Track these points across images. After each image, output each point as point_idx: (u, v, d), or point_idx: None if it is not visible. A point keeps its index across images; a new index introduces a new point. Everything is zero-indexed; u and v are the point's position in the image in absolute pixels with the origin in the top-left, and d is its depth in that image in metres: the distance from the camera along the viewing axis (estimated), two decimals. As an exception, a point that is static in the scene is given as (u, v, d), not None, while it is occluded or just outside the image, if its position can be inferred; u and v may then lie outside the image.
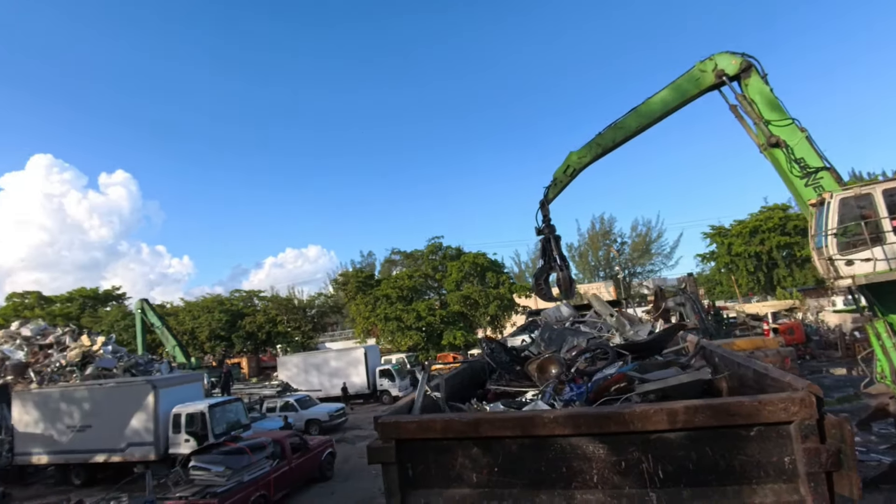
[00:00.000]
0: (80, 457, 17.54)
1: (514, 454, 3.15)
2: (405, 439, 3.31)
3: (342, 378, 29.12)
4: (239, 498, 11.31)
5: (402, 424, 3.36)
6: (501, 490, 3.15)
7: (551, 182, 13.41)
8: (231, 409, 17.69)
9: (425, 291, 45.01)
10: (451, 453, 3.26)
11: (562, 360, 4.61)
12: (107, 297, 57.68)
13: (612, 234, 67.22)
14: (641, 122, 12.67)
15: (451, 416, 3.47)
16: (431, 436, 3.26)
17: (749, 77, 11.19)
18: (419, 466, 3.32)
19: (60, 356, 29.24)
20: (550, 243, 12.40)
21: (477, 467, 3.22)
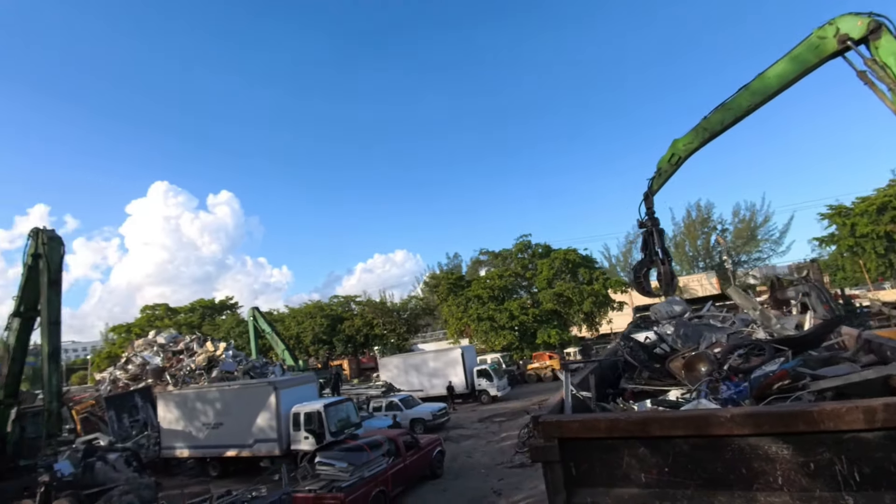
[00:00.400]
0: (215, 451, 19.30)
1: (685, 454, 3.06)
2: (568, 438, 3.32)
3: (441, 378, 29.69)
4: (361, 493, 11.90)
5: (565, 424, 3.38)
6: (674, 490, 3.07)
7: (655, 172, 12.79)
8: (343, 408, 18.65)
9: (516, 290, 44.73)
10: (617, 452, 3.23)
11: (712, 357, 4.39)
12: (222, 306, 63.22)
13: (711, 222, 62.82)
14: (754, 100, 11.71)
15: (616, 415, 3.45)
16: (596, 435, 3.25)
17: (879, 38, 9.89)
18: (583, 465, 3.32)
19: (190, 361, 32.50)
20: (653, 236, 11.82)
21: (645, 467, 3.16)
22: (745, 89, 11.83)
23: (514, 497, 12.80)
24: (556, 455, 3.34)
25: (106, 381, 34.23)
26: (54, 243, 16.17)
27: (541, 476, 12.59)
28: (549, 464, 3.40)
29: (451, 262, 69.37)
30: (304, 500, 11.45)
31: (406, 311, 52.80)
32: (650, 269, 11.53)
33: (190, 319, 58.68)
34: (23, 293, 16.75)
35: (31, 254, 16.34)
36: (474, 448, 18.89)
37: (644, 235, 12.30)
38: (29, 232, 16.79)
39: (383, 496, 12.61)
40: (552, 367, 34.89)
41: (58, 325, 15.88)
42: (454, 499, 13.37)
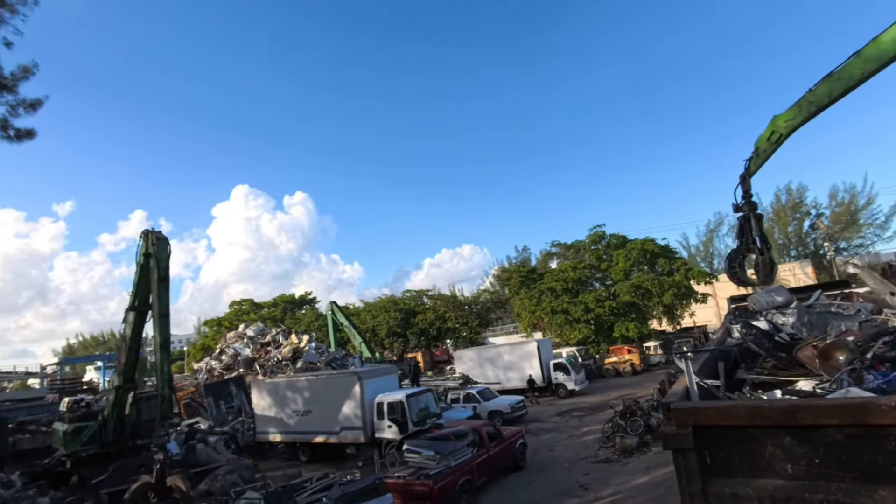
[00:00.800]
0: (304, 437, 20.34)
1: (839, 444, 2.85)
2: (703, 426, 3.20)
3: (516, 371, 29.57)
4: (449, 481, 12.11)
5: (701, 411, 3.26)
6: (827, 483, 2.87)
7: (752, 153, 11.94)
8: (424, 399, 19.01)
9: (591, 282, 43.57)
10: (759, 442, 3.06)
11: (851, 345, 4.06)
12: (301, 301, 66.39)
13: (804, 206, 57.91)
14: (868, 68, 10.53)
15: (758, 402, 3.28)
16: (735, 423, 3.10)
17: None
18: (719, 454, 3.18)
19: (276, 352, 34.46)
20: (750, 222, 10.98)
21: (792, 458, 2.98)
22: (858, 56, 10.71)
23: (602, 492, 12.53)
24: (691, 443, 3.22)
25: (203, 370, 37.06)
26: (162, 243, 17.62)
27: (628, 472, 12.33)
28: (681, 452, 3.28)
29: (520, 255, 68.77)
30: (394, 485, 11.79)
31: (477, 305, 52.94)
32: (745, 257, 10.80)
33: (273, 314, 62.04)
34: (136, 289, 18.43)
35: (142, 253, 17.92)
36: (555, 441, 18.68)
37: (740, 221, 11.51)
38: (140, 233, 18.42)
39: (469, 485, 12.77)
40: (631, 362, 33.73)
41: (167, 318, 17.30)
42: (539, 490, 13.29)
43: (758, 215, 11.19)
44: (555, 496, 12.74)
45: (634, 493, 11.90)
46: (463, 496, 12.51)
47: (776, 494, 3.00)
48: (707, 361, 5.49)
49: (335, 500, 9.81)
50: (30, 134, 13.71)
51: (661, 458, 14.14)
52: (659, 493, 11.56)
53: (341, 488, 10.40)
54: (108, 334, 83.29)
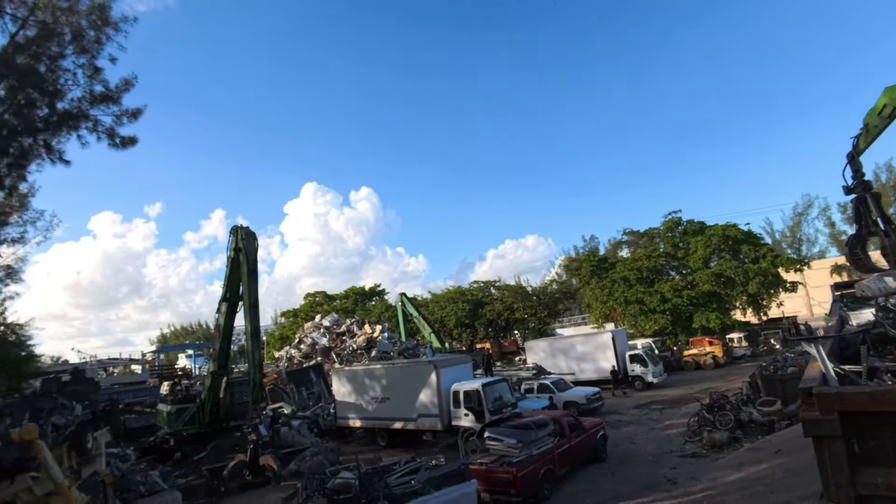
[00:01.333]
0: (383, 423, 21.00)
1: None
2: (850, 412, 3.01)
3: (590, 363, 28.99)
4: (531, 469, 12.12)
5: (848, 396, 3.06)
6: None
7: (861, 129, 10.90)
8: (498, 388, 19.07)
9: (667, 271, 41.72)
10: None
11: None
12: (371, 293, 68.28)
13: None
14: None
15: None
16: (889, 409, 2.89)
17: None
18: (869, 442, 2.99)
19: (352, 342, 35.75)
20: (867, 202, 9.99)
21: (955, 448, 2.75)
22: None
23: (692, 486, 12.05)
24: (837, 430, 3.04)
25: (283, 358, 39.13)
26: (250, 238, 18.72)
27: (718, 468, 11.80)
28: (826, 439, 3.10)
29: (588, 245, 67.12)
30: (478, 472, 11.95)
31: (545, 295, 52.22)
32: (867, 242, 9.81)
33: (345, 305, 64.24)
34: (228, 282, 19.73)
35: (232, 248, 19.13)
36: (636, 434, 18.17)
37: (854, 203, 10.59)
38: (230, 230, 19.68)
39: (550, 474, 12.73)
40: (713, 354, 32.07)
41: (256, 308, 18.38)
42: (624, 483, 13.00)
43: (875, 194, 10.17)
44: (641, 490, 12.41)
45: (728, 489, 11.34)
46: (545, 485, 12.48)
47: (940, 487, 2.78)
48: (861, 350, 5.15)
49: (424, 483, 10.09)
50: (133, 141, 14.95)
51: (755, 455, 13.40)
52: (755, 490, 10.95)
53: (428, 472, 10.69)
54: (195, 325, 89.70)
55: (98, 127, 14.24)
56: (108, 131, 14.39)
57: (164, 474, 18.48)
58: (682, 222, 42.01)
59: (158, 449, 21.96)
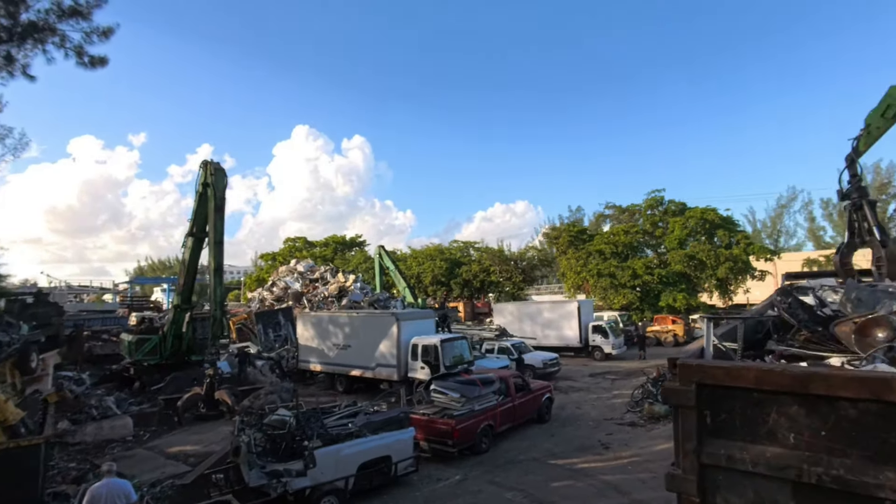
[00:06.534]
0: (342, 369, 21.40)
1: (852, 420, 2.68)
2: (708, 384, 3.09)
3: (554, 329, 29.56)
4: (471, 423, 12.51)
5: (707, 368, 3.14)
6: (829, 457, 2.73)
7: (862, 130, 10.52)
8: (458, 345, 19.45)
9: (642, 248, 42.20)
10: (764, 407, 2.93)
11: (893, 322, 3.76)
12: (352, 243, 68.16)
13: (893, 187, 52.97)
14: None
15: (770, 366, 3.13)
16: (741, 384, 2.97)
17: None
18: (721, 415, 3.08)
19: (324, 289, 35.85)
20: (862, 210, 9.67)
21: (796, 427, 2.84)
22: None
23: (622, 452, 12.59)
24: (692, 400, 3.13)
25: (255, 299, 39.21)
26: (220, 174, 18.33)
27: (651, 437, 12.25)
28: (682, 408, 3.20)
29: (573, 216, 67.18)
30: (419, 421, 12.30)
31: (523, 261, 52.66)
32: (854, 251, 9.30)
33: (324, 252, 64.12)
34: (195, 217, 19.43)
35: (201, 182, 18.75)
36: (583, 400, 18.76)
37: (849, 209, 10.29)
38: (200, 164, 19.24)
39: (490, 430, 13.16)
40: (674, 333, 32.90)
41: (221, 245, 18.21)
42: (560, 444, 13.51)
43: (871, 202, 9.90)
44: (574, 451, 12.93)
45: (654, 457, 11.86)
46: (483, 439, 12.93)
47: (773, 462, 2.89)
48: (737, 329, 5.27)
49: (360, 427, 10.35)
50: (103, 61, 14.27)
51: (690, 428, 13.99)
52: (680, 460, 11.48)
53: (367, 417, 10.95)
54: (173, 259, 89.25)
55: (66, 43, 13.57)
56: (76, 49, 13.72)
57: (119, 401, 18.74)
58: (664, 202, 42.21)
59: (119, 377, 22.19)
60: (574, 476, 11.31)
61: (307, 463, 8.99)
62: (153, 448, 14.77)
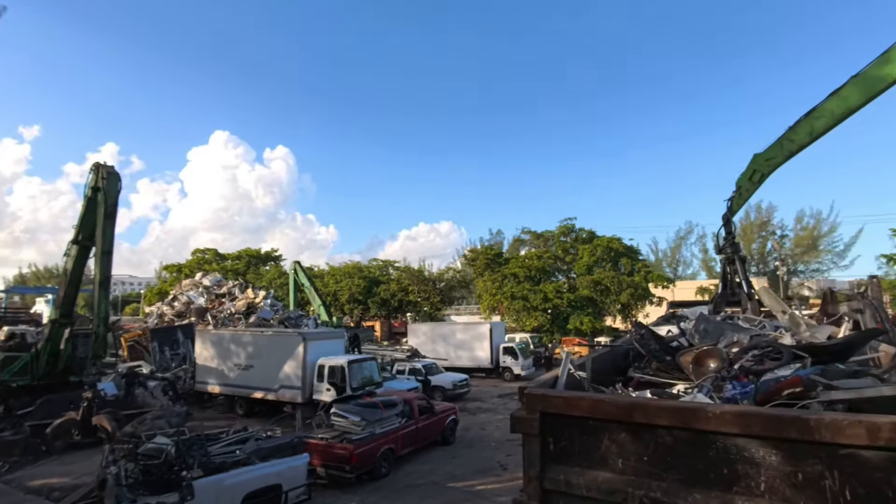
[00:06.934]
0: (243, 391, 20.30)
1: (668, 446, 2.93)
2: (550, 413, 3.25)
3: (467, 350, 29.93)
4: (371, 447, 12.26)
5: (549, 398, 3.30)
6: (650, 481, 2.96)
7: (734, 192, 11.62)
8: (367, 366, 19.16)
9: (554, 273, 44.13)
10: (598, 435, 3.13)
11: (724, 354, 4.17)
12: (267, 257, 65.48)
13: (771, 226, 59.56)
14: (849, 105, 10.52)
15: (601, 396, 3.35)
16: (578, 413, 3.16)
17: None
18: (562, 442, 3.25)
19: (231, 305, 34.01)
20: (735, 265, 10.62)
21: (624, 453, 3.06)
22: (837, 95, 10.62)
23: (519, 473, 12.78)
24: (536, 428, 3.28)
25: (154, 314, 36.39)
26: (113, 178, 17.02)
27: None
28: (528, 436, 3.35)
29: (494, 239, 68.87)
30: (316, 446, 11.90)
31: (442, 282, 53.14)
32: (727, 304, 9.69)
33: (236, 266, 61.05)
34: (81, 223, 17.81)
35: (91, 186, 17.28)
36: (489, 421, 19.04)
37: (723, 263, 11.12)
38: (91, 166, 17.74)
39: (391, 453, 12.96)
40: (580, 354, 34.44)
41: (110, 255, 16.85)
42: (461, 466, 13.58)
43: (741, 258, 10.82)
44: (474, 473, 13.03)
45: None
46: (384, 463, 12.71)
47: (603, 486, 3.08)
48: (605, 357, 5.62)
49: (249, 454, 9.82)
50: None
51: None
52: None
53: (258, 443, 10.42)
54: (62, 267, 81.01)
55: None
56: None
57: (-26, 427, 16.50)
58: (576, 229, 44.54)
59: (-24, 399, 19.57)
60: (471, 499, 11.38)
61: (184, 495, 8.34)
62: (11, 482, 13.16)
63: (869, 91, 10.46)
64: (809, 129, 10.98)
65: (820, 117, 10.88)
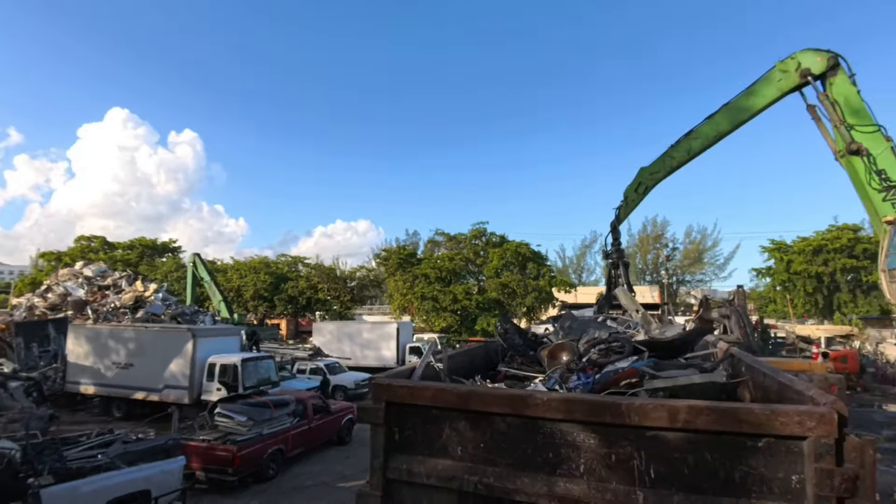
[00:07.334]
0: (122, 392, 18.68)
1: (502, 433, 3.04)
2: (396, 403, 3.26)
3: (373, 350, 29.64)
4: (257, 448, 11.75)
5: (394, 388, 3.31)
6: (484, 467, 3.06)
7: (622, 201, 12.48)
8: (263, 365, 18.38)
9: (464, 275, 44.94)
10: (439, 423, 3.19)
11: (574, 348, 4.44)
12: (164, 248, 60.77)
13: (664, 239, 64.90)
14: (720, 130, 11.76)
15: (442, 385, 3.41)
16: (421, 403, 3.20)
17: (835, 76, 10.15)
18: (406, 432, 3.28)
19: (116, 298, 31.10)
20: (619, 269, 11.41)
21: (463, 441, 3.14)
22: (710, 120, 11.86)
23: (413, 472, 12.90)
24: (381, 418, 3.28)
25: (22, 307, 32.39)
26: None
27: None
28: (374, 426, 3.34)
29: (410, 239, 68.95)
30: (196, 448, 11.23)
31: (354, 281, 52.29)
32: None
33: (127, 256, 56.10)
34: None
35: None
36: (389, 421, 18.96)
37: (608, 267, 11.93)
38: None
39: (280, 454, 12.52)
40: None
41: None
42: (353, 466, 13.39)
43: (625, 263, 11.64)
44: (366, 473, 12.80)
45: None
46: (272, 465, 12.24)
47: (442, 474, 3.14)
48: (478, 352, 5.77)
49: (113, 458, 9.00)
50: None
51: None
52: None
53: (125, 446, 9.59)
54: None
55: None
56: None
57: None
58: (487, 233, 45.68)
59: None
60: (359, 498, 11.23)
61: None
62: None
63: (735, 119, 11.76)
64: (688, 147, 12.13)
65: (696, 138, 12.06)
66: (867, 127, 9.67)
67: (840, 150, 9.86)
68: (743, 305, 23.30)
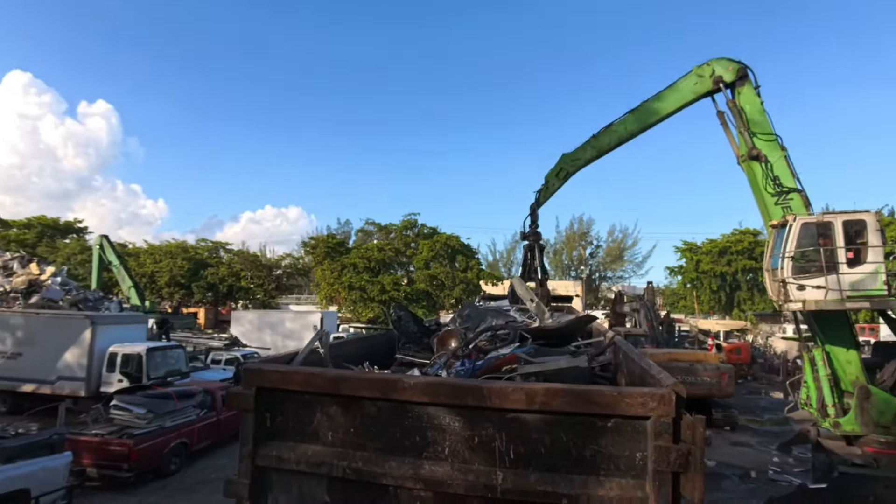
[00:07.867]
0: (8, 384, 17.06)
1: (371, 417, 3.06)
2: (267, 388, 3.19)
3: (295, 340, 28.92)
4: (158, 442, 11.17)
5: (265, 373, 3.25)
6: (353, 452, 3.07)
7: (542, 185, 12.81)
8: (172, 354, 17.47)
9: (393, 266, 44.83)
10: (311, 409, 3.16)
11: (462, 334, 4.56)
12: (67, 228, 55.92)
13: (589, 236, 67.97)
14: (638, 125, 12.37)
15: (313, 370, 3.37)
16: (293, 388, 3.15)
17: (743, 86, 11.05)
18: (278, 418, 3.22)
19: (6, 281, 28.27)
20: (534, 251, 11.72)
21: (333, 426, 3.13)
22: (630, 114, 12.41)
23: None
24: (251, 404, 3.20)
25: None
26: None
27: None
28: (244, 412, 3.25)
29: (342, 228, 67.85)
30: (88, 443, 10.49)
31: (279, 269, 50.68)
32: None
33: (23, 236, 51.14)
34: None
35: None
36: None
37: (525, 249, 12.23)
38: None
39: (184, 448, 11.96)
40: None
41: None
42: (265, 459, 13.02)
43: (541, 246, 11.93)
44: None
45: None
46: (174, 459, 11.67)
47: (312, 459, 3.12)
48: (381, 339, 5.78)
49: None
50: None
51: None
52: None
53: (1, 441, 8.79)
54: None
55: None
56: None
57: None
58: (418, 224, 45.76)
59: None
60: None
61: None
62: None
63: (642, 122, 12.45)
64: (607, 139, 12.70)
65: (613, 133, 12.65)
66: (767, 135, 10.62)
67: (742, 155, 10.75)
68: (652, 301, 24.88)
